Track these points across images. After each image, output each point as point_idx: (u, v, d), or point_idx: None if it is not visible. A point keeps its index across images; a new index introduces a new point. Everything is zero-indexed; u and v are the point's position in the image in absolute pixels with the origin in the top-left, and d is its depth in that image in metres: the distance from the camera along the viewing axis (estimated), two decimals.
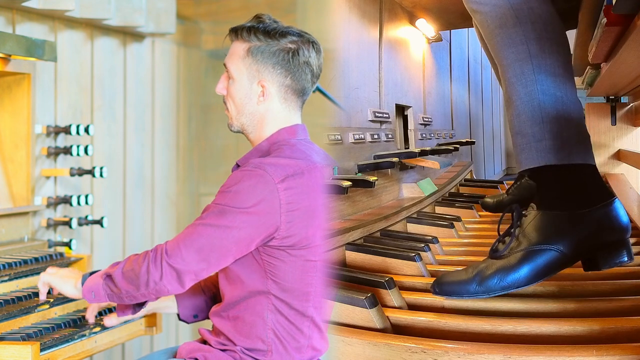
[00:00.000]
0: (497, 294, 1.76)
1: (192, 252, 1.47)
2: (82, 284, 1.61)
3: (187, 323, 1.78)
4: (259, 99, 1.58)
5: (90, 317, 1.81)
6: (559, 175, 1.79)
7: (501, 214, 1.96)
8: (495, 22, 1.95)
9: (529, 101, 1.84)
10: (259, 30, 1.57)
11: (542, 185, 1.83)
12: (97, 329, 1.83)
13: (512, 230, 1.81)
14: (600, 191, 1.79)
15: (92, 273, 1.62)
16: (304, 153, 1.56)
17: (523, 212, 1.84)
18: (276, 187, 1.47)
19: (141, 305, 1.65)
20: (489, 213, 3.46)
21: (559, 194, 1.79)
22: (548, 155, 1.79)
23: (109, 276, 1.56)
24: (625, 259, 1.75)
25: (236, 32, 1.59)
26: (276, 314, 1.52)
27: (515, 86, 1.87)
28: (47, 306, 1.87)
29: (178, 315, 1.77)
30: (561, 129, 1.80)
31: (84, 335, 1.79)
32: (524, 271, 1.75)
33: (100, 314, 1.86)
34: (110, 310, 1.87)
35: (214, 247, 1.47)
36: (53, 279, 1.67)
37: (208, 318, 1.70)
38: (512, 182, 3.27)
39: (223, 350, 1.55)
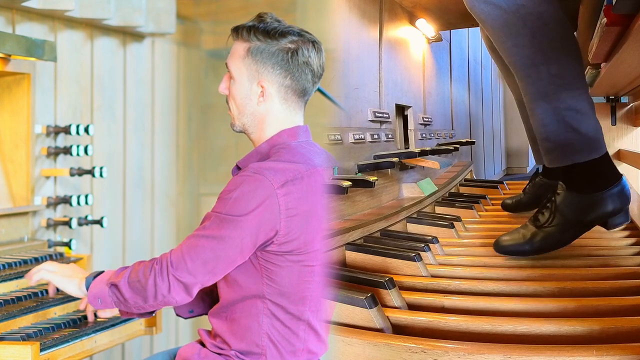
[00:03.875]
0: (545, 253, 2.39)
1: (198, 265, 1.47)
2: (87, 286, 1.59)
3: (184, 318, 1.77)
4: (259, 99, 1.57)
5: (89, 314, 1.79)
6: (581, 168, 2.24)
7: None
8: (511, 39, 2.19)
9: (554, 115, 2.21)
10: (259, 30, 1.56)
11: (567, 174, 2.30)
12: (97, 328, 1.82)
13: (548, 205, 2.37)
14: (612, 175, 2.27)
15: (96, 276, 1.60)
16: (304, 156, 1.55)
17: (557, 192, 2.35)
18: (275, 193, 1.46)
19: (150, 313, 1.64)
20: (489, 213, 3.48)
21: (582, 181, 2.28)
22: (574, 156, 2.24)
23: (115, 285, 1.54)
24: (624, 220, 2.32)
25: (237, 31, 1.58)
26: (271, 318, 1.52)
27: (539, 102, 2.24)
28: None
29: (174, 308, 1.76)
30: (581, 135, 2.21)
31: (83, 335, 1.79)
32: (564, 237, 2.36)
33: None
34: None
35: (219, 258, 1.47)
36: (54, 277, 1.64)
37: (205, 314, 1.70)
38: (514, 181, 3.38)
39: (218, 354, 1.55)
